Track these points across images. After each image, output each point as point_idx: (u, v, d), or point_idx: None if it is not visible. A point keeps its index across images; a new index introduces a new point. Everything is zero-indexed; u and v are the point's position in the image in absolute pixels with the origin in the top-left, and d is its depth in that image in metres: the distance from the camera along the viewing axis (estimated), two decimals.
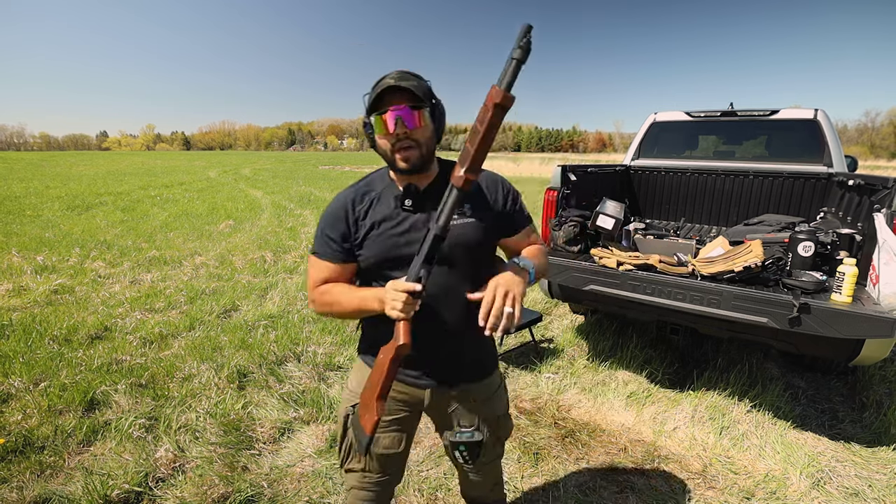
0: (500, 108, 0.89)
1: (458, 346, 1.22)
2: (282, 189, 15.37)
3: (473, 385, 1.29)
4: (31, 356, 3.11)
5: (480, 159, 0.94)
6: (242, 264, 5.80)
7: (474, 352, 1.28)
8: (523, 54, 0.85)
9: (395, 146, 1.07)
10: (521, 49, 0.84)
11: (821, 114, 3.75)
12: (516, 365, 3.27)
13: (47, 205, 10.59)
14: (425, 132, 1.08)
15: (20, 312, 3.96)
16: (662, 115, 4.40)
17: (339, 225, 1.16)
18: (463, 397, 1.28)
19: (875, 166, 33.72)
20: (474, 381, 1.29)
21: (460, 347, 1.22)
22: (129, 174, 21.78)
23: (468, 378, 1.28)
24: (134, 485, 1.98)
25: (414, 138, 1.06)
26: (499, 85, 0.87)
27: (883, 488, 2.11)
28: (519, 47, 0.85)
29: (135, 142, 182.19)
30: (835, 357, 2.45)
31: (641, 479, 2.18)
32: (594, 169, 3.62)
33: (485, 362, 1.32)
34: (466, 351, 1.25)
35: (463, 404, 1.29)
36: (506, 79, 0.87)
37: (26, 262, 5.50)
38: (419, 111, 1.05)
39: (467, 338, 1.19)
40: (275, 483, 2.07)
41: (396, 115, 1.03)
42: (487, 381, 1.31)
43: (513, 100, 0.88)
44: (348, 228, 1.16)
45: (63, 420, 2.44)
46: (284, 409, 2.61)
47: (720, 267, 2.42)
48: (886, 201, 2.25)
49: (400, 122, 1.03)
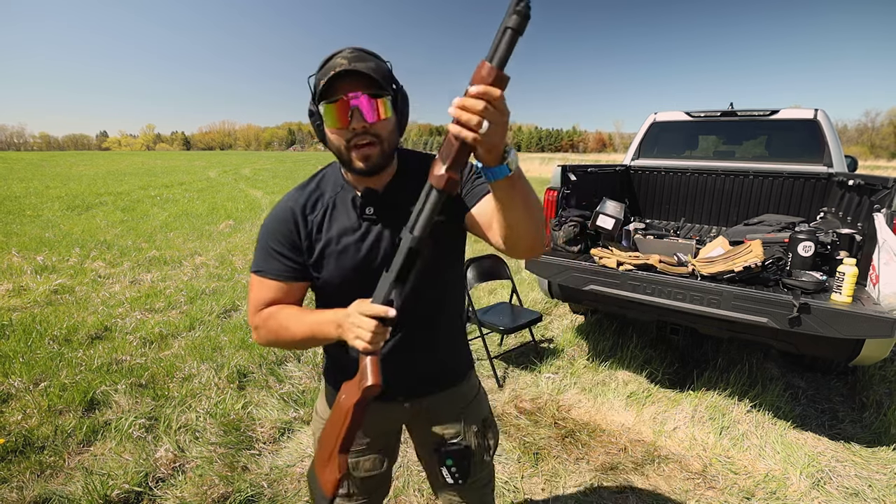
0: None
1: (430, 355, 1.09)
2: (282, 189, 15.36)
3: (451, 391, 1.17)
4: (31, 356, 3.11)
5: (466, 154, 0.71)
6: (242, 264, 5.80)
7: (448, 357, 1.16)
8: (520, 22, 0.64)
9: (350, 142, 0.89)
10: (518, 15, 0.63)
11: (821, 114, 3.75)
12: (516, 365, 3.28)
13: (47, 205, 10.59)
14: (387, 125, 0.91)
15: (20, 312, 3.96)
16: (662, 115, 4.40)
17: (289, 235, 0.99)
18: (442, 406, 1.16)
19: (875, 166, 33.72)
20: (452, 387, 1.17)
21: (432, 355, 1.10)
22: (129, 174, 21.78)
23: (445, 384, 1.16)
24: (134, 485, 1.98)
25: (374, 133, 0.89)
26: (489, 61, 0.65)
27: (883, 488, 2.11)
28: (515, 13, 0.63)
29: (135, 142, 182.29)
30: (835, 357, 2.45)
31: (641, 479, 2.18)
32: (594, 169, 3.62)
33: (459, 365, 1.20)
34: (439, 357, 1.12)
35: (444, 413, 1.16)
36: (498, 53, 0.65)
37: (26, 262, 5.50)
38: (379, 100, 0.87)
39: (439, 343, 1.09)
40: (275, 483, 2.07)
41: (353, 104, 0.85)
42: (465, 385, 1.20)
43: (507, 80, 0.66)
44: (299, 239, 0.99)
45: (63, 420, 2.44)
46: (284, 409, 2.61)
47: (720, 267, 2.42)
48: (886, 201, 2.25)
49: (357, 114, 0.86)
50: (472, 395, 1.22)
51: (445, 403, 1.16)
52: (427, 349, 1.08)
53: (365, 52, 0.91)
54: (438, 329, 1.10)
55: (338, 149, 0.92)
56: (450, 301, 1.13)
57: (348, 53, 0.88)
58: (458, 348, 1.19)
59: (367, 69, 0.85)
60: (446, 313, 1.12)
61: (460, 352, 1.20)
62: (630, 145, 4.52)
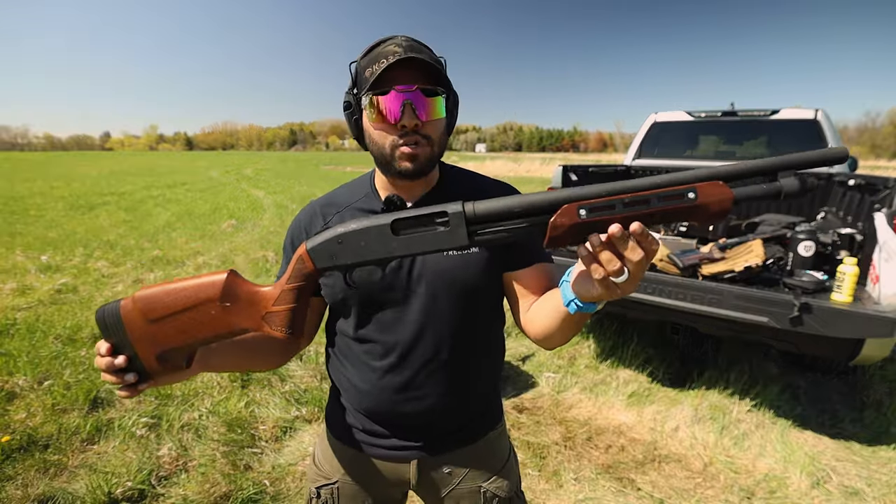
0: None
1: (447, 403, 0.91)
2: (284, 189, 15.39)
3: (473, 446, 0.96)
4: (35, 355, 3.13)
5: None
6: (245, 264, 5.81)
7: (469, 407, 0.95)
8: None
9: (396, 142, 0.78)
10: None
11: (821, 114, 3.76)
12: (516, 365, 3.28)
13: (51, 205, 10.63)
14: (439, 126, 0.81)
15: (24, 311, 3.98)
16: (663, 115, 4.41)
17: (300, 236, 0.91)
18: (460, 470, 0.96)
19: (875, 166, 33.59)
20: (474, 442, 0.97)
21: (450, 404, 0.91)
22: (132, 174, 21.85)
23: (464, 440, 0.96)
24: (137, 483, 2.00)
25: (425, 133, 0.78)
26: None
27: (883, 487, 2.12)
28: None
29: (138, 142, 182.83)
30: (835, 356, 2.46)
31: (642, 478, 2.18)
32: (595, 169, 3.63)
33: (484, 416, 0.99)
34: (459, 407, 0.93)
35: (461, 481, 0.96)
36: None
37: (30, 262, 5.53)
38: (434, 98, 0.78)
39: (459, 392, 0.91)
40: (277, 481, 2.09)
41: (405, 98, 0.75)
42: (490, 444, 0.99)
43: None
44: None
45: (67, 418, 2.46)
46: (287, 408, 2.62)
47: (721, 266, 2.43)
48: (887, 201, 2.26)
49: (409, 110, 0.75)
50: (500, 461, 1.00)
51: (466, 467, 0.96)
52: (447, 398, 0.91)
53: (420, 43, 0.81)
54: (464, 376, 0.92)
55: (380, 148, 0.80)
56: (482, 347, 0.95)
57: (402, 41, 0.78)
58: (489, 400, 1.01)
59: (425, 58, 0.76)
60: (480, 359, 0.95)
61: (491, 403, 1.02)
62: (631, 145, 4.53)
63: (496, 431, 1.01)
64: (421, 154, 0.79)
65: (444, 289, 0.86)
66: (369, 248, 0.63)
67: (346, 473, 0.98)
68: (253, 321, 0.67)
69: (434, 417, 0.92)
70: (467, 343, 0.90)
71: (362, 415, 0.94)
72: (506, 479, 0.99)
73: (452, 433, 0.95)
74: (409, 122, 0.76)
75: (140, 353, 0.66)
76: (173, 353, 0.67)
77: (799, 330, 2.10)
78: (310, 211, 0.94)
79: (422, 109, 0.76)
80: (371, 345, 0.90)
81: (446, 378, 0.89)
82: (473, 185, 0.95)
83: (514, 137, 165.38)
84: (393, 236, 0.63)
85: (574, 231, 0.56)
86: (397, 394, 0.89)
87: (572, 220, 0.55)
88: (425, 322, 0.86)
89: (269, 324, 0.67)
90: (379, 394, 0.90)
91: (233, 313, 0.67)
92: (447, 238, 0.61)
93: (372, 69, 0.76)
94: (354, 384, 0.92)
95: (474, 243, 0.61)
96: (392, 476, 0.96)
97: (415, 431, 0.93)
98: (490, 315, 0.95)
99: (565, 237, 0.56)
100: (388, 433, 0.93)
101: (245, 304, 0.67)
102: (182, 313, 0.66)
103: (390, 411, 0.91)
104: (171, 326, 0.66)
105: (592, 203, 0.55)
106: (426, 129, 0.78)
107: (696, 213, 0.54)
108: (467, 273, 0.86)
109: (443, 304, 0.86)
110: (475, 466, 0.97)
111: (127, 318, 0.66)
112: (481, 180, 0.96)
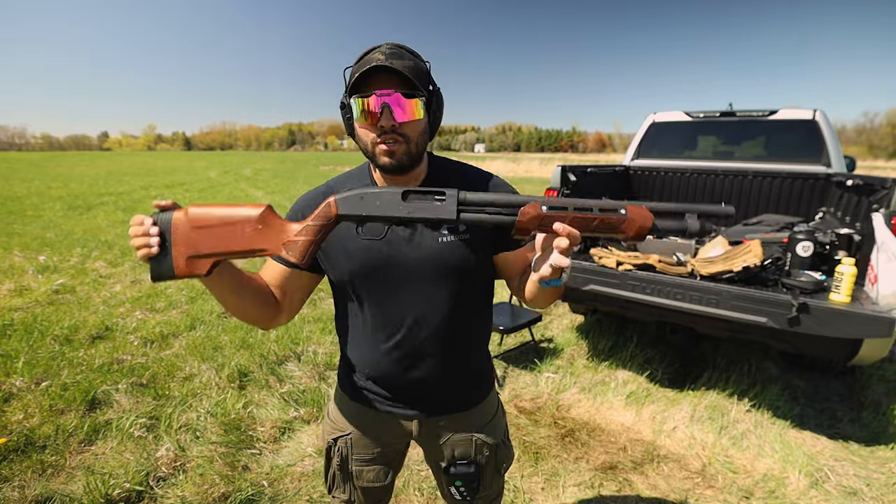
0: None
1: (445, 373, 1.05)
2: (282, 189, 15.37)
3: (466, 412, 1.12)
4: (32, 356, 3.12)
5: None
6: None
7: (464, 377, 1.10)
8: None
9: (377, 139, 0.89)
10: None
11: (819, 114, 3.76)
12: (516, 365, 3.28)
13: (49, 205, 10.60)
14: (417, 127, 0.90)
15: (22, 312, 3.97)
16: (661, 115, 4.41)
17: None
18: (455, 426, 1.11)
19: (873, 166, 33.71)
20: (467, 409, 1.12)
21: (447, 374, 1.05)
22: (130, 174, 21.80)
23: (459, 406, 1.11)
24: (135, 484, 1.99)
25: (402, 133, 0.88)
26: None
27: (881, 487, 2.12)
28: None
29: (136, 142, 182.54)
30: (833, 357, 2.46)
31: (641, 478, 2.18)
32: (594, 169, 3.63)
33: (478, 386, 1.15)
34: (455, 377, 1.07)
35: (456, 433, 1.11)
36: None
37: (28, 262, 5.52)
38: (412, 100, 0.87)
39: (455, 363, 1.05)
40: (275, 482, 2.08)
41: (383, 101, 0.85)
42: (482, 407, 1.14)
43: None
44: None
45: (64, 419, 2.45)
46: (285, 408, 2.62)
47: (719, 267, 2.43)
48: (885, 201, 2.26)
49: (387, 112, 0.85)
50: (489, 417, 1.16)
51: (460, 424, 1.12)
52: (445, 368, 1.04)
53: (404, 49, 0.90)
54: (460, 348, 1.06)
55: (365, 144, 0.92)
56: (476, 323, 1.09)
57: (386, 49, 0.87)
58: (477, 367, 1.14)
59: (403, 67, 0.84)
60: (473, 334, 1.09)
61: (479, 371, 1.15)
62: (629, 146, 4.53)
63: (488, 399, 1.16)
64: (398, 151, 0.89)
65: (440, 270, 0.97)
66: (382, 207, 0.79)
67: (358, 426, 1.12)
68: (275, 245, 0.81)
69: (431, 387, 1.06)
70: (461, 320, 1.03)
71: (368, 380, 1.07)
72: (495, 429, 1.16)
73: (449, 400, 1.10)
74: (386, 122, 0.86)
75: (174, 252, 0.79)
76: (202, 258, 0.80)
77: (797, 330, 2.10)
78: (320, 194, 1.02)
79: (399, 111, 0.86)
80: (374, 320, 1.01)
81: (442, 351, 1.02)
82: (460, 177, 1.05)
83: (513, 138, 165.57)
84: (402, 202, 0.79)
85: (536, 220, 0.76)
86: (397, 365, 1.02)
87: (537, 211, 0.76)
88: (423, 300, 0.98)
89: (288, 249, 0.81)
90: (381, 364, 1.03)
91: (262, 234, 0.81)
92: (441, 209, 0.78)
93: (357, 74, 0.86)
94: (360, 353, 1.05)
95: (460, 220, 0.78)
96: (396, 429, 1.11)
97: (414, 397, 1.07)
98: (481, 296, 1.08)
99: (530, 224, 0.76)
100: (391, 396, 1.07)
101: (274, 231, 0.81)
102: (223, 227, 0.80)
103: (392, 379, 1.04)
104: (211, 234, 0.79)
105: (552, 203, 0.76)
106: (404, 128, 0.88)
107: (625, 225, 0.76)
108: (461, 256, 0.98)
109: (440, 284, 0.98)
110: (469, 423, 1.12)
111: (175, 223, 0.79)
112: (467, 170, 1.08)
